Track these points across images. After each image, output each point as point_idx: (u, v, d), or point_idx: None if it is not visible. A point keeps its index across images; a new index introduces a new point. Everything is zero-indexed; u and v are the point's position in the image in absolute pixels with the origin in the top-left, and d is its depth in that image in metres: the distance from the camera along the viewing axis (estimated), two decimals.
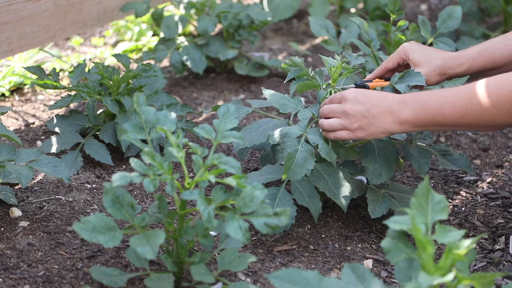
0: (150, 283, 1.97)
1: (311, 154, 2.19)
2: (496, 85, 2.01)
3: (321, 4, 3.73)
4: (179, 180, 2.53)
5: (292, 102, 2.33)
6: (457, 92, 2.07)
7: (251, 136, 2.33)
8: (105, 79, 2.64)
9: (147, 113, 2.00)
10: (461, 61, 2.28)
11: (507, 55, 2.28)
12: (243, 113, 2.40)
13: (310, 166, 2.18)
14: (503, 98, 2.00)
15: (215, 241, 2.21)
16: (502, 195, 2.59)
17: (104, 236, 1.91)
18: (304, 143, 2.19)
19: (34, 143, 2.73)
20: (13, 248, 2.17)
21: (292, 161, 2.17)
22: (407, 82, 2.24)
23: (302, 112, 2.29)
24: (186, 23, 3.23)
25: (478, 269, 2.25)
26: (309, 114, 2.29)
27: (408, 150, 2.41)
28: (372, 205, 2.31)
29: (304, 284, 1.75)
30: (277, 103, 2.32)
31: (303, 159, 2.18)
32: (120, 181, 1.86)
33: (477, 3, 3.66)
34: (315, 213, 2.26)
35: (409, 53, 2.29)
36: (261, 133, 2.33)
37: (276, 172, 2.30)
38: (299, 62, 2.34)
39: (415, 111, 2.09)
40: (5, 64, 3.20)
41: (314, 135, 2.21)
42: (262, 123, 2.36)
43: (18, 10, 2.81)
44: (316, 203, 2.26)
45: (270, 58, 3.48)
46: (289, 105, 2.33)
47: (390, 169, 2.32)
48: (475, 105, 2.03)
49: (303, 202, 2.25)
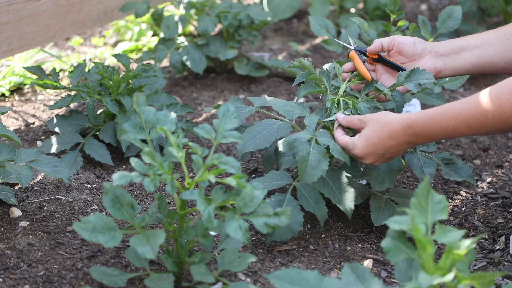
0: (150, 283, 1.97)
1: (324, 154, 2.17)
2: (509, 94, 1.99)
3: (321, 4, 3.73)
4: (179, 180, 2.53)
5: (297, 107, 2.31)
6: (466, 108, 2.04)
7: (255, 140, 2.30)
8: (105, 79, 2.64)
9: (147, 113, 2.00)
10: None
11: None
12: (245, 113, 2.37)
13: (324, 167, 2.16)
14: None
15: (215, 241, 2.21)
16: (502, 195, 2.59)
17: (104, 236, 1.91)
18: (315, 145, 2.18)
19: (34, 143, 2.73)
20: (13, 248, 2.17)
21: (306, 163, 2.15)
22: (416, 81, 2.24)
23: (308, 118, 2.27)
24: (186, 23, 3.23)
25: (478, 269, 2.25)
26: (316, 118, 2.26)
27: (412, 159, 2.40)
28: (375, 213, 2.31)
29: (304, 284, 1.75)
30: (283, 110, 2.29)
31: (316, 160, 2.16)
32: (120, 180, 1.86)
33: (477, 3, 3.66)
34: (321, 219, 2.25)
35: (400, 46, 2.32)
36: (265, 136, 2.30)
37: (281, 178, 2.27)
38: (308, 65, 2.32)
39: (429, 139, 2.10)
40: (5, 64, 3.20)
41: (323, 137, 2.20)
42: (266, 125, 2.33)
43: (18, 10, 2.81)
44: (322, 209, 2.25)
45: (270, 58, 3.48)
46: (294, 111, 2.30)
47: (393, 176, 2.31)
48: (489, 119, 2.01)
49: (309, 208, 2.24)
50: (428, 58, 2.31)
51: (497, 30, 2.32)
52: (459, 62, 2.31)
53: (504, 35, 2.30)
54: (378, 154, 2.14)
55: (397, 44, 2.32)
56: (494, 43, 2.29)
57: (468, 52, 2.30)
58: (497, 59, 2.29)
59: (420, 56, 2.31)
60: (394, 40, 2.33)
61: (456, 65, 2.31)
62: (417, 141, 2.10)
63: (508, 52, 2.29)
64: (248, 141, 2.29)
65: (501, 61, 2.29)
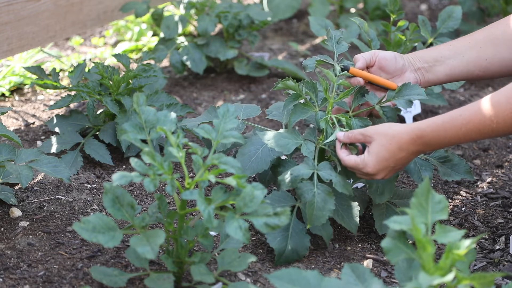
0: (150, 283, 1.97)
1: (329, 193, 2.14)
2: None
3: (321, 4, 3.73)
4: (179, 180, 2.53)
5: (291, 137, 2.22)
6: (476, 114, 2.02)
7: (251, 163, 2.25)
8: (105, 79, 2.64)
9: (147, 113, 2.00)
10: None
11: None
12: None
13: (331, 206, 2.13)
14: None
15: (215, 241, 2.21)
16: (502, 195, 2.59)
17: (104, 236, 1.91)
18: (319, 184, 2.14)
19: (34, 143, 2.73)
20: (13, 248, 2.17)
21: (312, 207, 2.12)
22: (407, 97, 2.20)
23: (305, 146, 2.21)
24: (186, 23, 3.23)
25: (478, 269, 2.25)
26: (312, 147, 2.21)
27: (408, 164, 2.36)
28: (378, 221, 2.31)
29: (304, 284, 1.75)
30: (278, 146, 2.19)
31: (322, 201, 2.13)
32: (120, 180, 1.86)
33: (477, 3, 3.66)
34: (327, 239, 2.24)
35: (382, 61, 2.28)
36: (261, 157, 2.25)
37: (283, 200, 2.23)
38: (293, 86, 2.23)
39: (439, 147, 2.09)
40: (5, 64, 3.20)
41: (325, 171, 2.16)
42: (257, 143, 2.27)
43: (18, 10, 2.81)
44: (328, 229, 2.23)
45: (270, 58, 3.48)
46: (290, 143, 2.20)
47: (392, 186, 2.29)
48: (501, 124, 1.99)
49: (316, 230, 2.21)
50: (409, 73, 2.28)
51: (470, 37, 2.30)
52: (434, 75, 2.28)
53: (475, 43, 2.28)
54: (390, 168, 2.12)
55: (379, 60, 2.27)
56: (467, 53, 2.27)
57: (442, 64, 2.28)
58: (471, 67, 2.28)
59: (401, 71, 2.27)
60: (375, 56, 2.27)
61: (432, 78, 2.29)
62: (426, 149, 2.09)
63: (482, 61, 2.27)
64: (244, 165, 2.24)
65: (476, 69, 2.28)
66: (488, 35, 2.28)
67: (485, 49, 2.26)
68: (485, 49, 2.27)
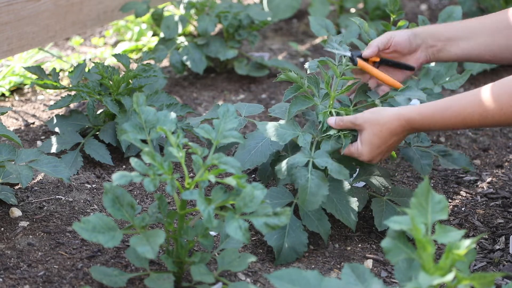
0: (150, 283, 1.97)
1: (323, 179, 2.15)
2: (509, 96, 2.00)
3: (321, 4, 3.73)
4: (179, 180, 2.53)
5: (288, 128, 2.25)
6: (465, 108, 2.06)
7: (250, 155, 2.28)
8: (105, 79, 2.64)
9: (147, 113, 2.00)
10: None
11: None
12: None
13: (324, 192, 2.14)
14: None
15: (215, 241, 2.21)
16: (502, 195, 2.59)
17: (104, 236, 1.91)
18: (313, 170, 2.16)
19: (34, 143, 2.73)
20: (13, 248, 2.17)
21: (305, 191, 2.13)
22: (408, 95, 2.24)
23: (302, 137, 2.23)
24: (186, 23, 3.23)
25: (478, 269, 2.25)
26: (309, 138, 2.22)
27: (408, 152, 2.43)
28: (377, 218, 2.31)
29: (304, 284, 1.75)
30: (276, 136, 2.22)
31: (316, 186, 2.14)
32: (120, 180, 1.86)
33: (477, 3, 3.66)
34: (325, 235, 2.24)
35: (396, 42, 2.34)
36: (260, 150, 2.28)
37: (282, 196, 2.24)
38: (295, 78, 2.26)
39: (428, 131, 2.14)
40: (5, 64, 3.20)
41: (320, 158, 2.17)
42: (258, 137, 2.30)
43: (18, 10, 2.81)
44: (325, 225, 2.23)
45: (270, 58, 3.48)
46: (287, 133, 2.23)
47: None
48: (489, 119, 2.05)
49: (313, 227, 2.22)
50: (420, 52, 2.36)
51: (485, 19, 2.35)
52: (445, 54, 2.36)
53: (490, 26, 2.33)
54: (383, 152, 2.19)
55: (394, 44, 2.34)
56: (481, 36, 2.33)
57: (453, 45, 2.34)
58: (482, 51, 2.34)
59: (414, 51, 2.36)
60: (390, 41, 2.34)
61: (442, 57, 2.37)
62: (415, 132, 2.19)
63: (495, 46, 2.32)
64: (244, 158, 2.27)
65: (487, 54, 2.33)
66: (501, 21, 2.32)
67: (499, 36, 2.32)
68: (499, 35, 2.31)
